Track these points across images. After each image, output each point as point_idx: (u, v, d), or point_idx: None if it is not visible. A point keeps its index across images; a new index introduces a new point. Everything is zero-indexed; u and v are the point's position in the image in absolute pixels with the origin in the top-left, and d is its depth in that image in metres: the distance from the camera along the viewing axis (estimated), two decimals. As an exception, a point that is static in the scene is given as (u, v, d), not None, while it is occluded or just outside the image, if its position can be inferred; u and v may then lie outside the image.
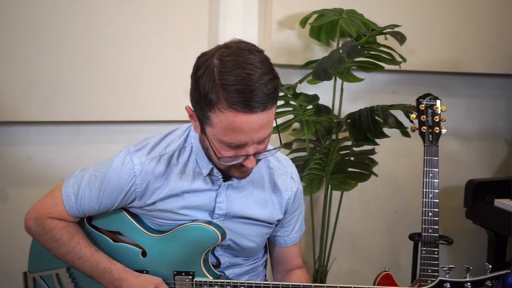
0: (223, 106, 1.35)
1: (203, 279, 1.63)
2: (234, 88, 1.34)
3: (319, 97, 2.46)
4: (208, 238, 1.61)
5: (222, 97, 1.35)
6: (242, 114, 1.35)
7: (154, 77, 2.45)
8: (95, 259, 1.63)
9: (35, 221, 1.67)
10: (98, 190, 1.62)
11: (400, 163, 2.93)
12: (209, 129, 1.43)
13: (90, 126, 2.49)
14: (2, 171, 2.43)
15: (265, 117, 1.38)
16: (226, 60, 1.37)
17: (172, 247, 1.63)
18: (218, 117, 1.37)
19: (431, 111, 2.01)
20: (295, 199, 1.74)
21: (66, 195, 1.64)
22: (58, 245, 1.64)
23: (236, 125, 1.37)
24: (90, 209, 1.64)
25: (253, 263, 1.78)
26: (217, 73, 1.36)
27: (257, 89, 1.35)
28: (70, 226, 1.66)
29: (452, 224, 2.85)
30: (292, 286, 1.59)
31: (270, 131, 1.44)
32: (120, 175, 1.59)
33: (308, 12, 2.51)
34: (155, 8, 2.42)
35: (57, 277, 1.72)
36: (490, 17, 2.83)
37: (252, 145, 1.42)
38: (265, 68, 1.38)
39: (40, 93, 2.34)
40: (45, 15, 2.30)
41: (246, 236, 1.68)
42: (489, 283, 1.43)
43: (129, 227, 1.67)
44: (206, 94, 1.37)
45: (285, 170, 1.72)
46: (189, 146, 1.61)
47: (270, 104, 1.38)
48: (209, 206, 1.63)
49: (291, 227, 1.78)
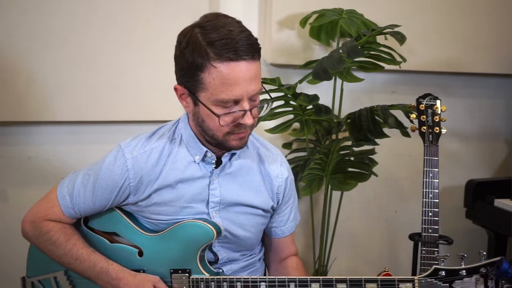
0: (215, 60, 1.43)
1: (200, 276, 1.63)
2: (220, 42, 1.43)
3: (319, 97, 2.46)
4: (203, 235, 1.61)
5: (212, 52, 1.44)
6: (233, 62, 1.44)
7: (154, 77, 2.45)
8: (92, 260, 1.63)
9: (31, 224, 1.68)
10: (92, 188, 1.63)
11: (400, 163, 2.93)
12: (203, 95, 1.48)
13: (90, 126, 2.49)
14: (2, 171, 2.43)
15: (254, 68, 1.47)
16: (206, 25, 1.48)
17: (168, 245, 1.64)
18: (211, 74, 1.45)
19: (431, 111, 2.01)
20: (287, 187, 1.76)
21: (61, 195, 1.66)
22: (55, 247, 1.65)
23: (230, 77, 1.44)
24: (86, 207, 1.65)
25: (250, 259, 1.78)
26: (201, 36, 1.46)
27: (242, 40, 1.44)
28: (66, 228, 1.67)
29: (452, 224, 2.85)
30: (288, 279, 1.58)
31: (260, 86, 1.52)
32: (112, 171, 1.61)
33: (308, 12, 2.51)
34: (155, 8, 2.42)
35: (55, 280, 1.73)
36: (490, 17, 2.83)
37: (246, 100, 1.48)
38: (242, 27, 1.49)
39: (40, 93, 2.34)
40: (46, 15, 2.30)
41: (242, 226, 1.69)
42: (484, 270, 1.45)
43: (125, 227, 1.68)
44: (194, 59, 1.45)
45: (274, 158, 1.75)
46: (178, 137, 1.64)
47: (257, 55, 1.48)
48: (203, 195, 1.65)
49: (286, 217, 1.80)
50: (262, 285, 1.59)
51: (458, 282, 1.47)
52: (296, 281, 1.59)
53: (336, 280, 1.57)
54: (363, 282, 1.54)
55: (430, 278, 1.48)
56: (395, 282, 1.52)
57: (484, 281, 1.45)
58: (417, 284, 1.51)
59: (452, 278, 1.47)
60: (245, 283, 1.60)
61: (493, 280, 1.44)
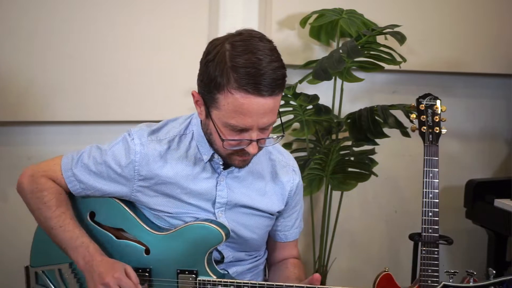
0: (233, 87, 1.40)
1: (207, 278, 1.62)
2: (244, 70, 1.39)
3: (319, 97, 2.46)
4: (212, 238, 1.61)
5: (233, 78, 1.40)
6: (251, 95, 1.40)
7: (154, 76, 2.45)
8: (76, 232, 1.62)
9: (29, 177, 1.67)
10: (96, 158, 1.63)
11: (400, 163, 2.93)
12: (215, 112, 1.46)
13: (90, 126, 2.49)
14: (2, 171, 2.43)
15: (271, 103, 1.43)
16: (237, 44, 1.42)
17: (176, 245, 1.63)
18: (227, 99, 1.42)
19: (431, 111, 2.01)
20: (297, 192, 1.76)
21: (65, 157, 1.68)
22: (44, 208, 1.64)
23: (244, 107, 1.41)
24: (84, 176, 1.64)
25: (255, 261, 1.78)
26: (228, 56, 1.41)
27: (266, 74, 1.40)
28: (61, 194, 1.66)
29: (452, 224, 2.85)
30: (296, 287, 1.57)
31: (275, 119, 1.49)
32: (120, 150, 1.62)
33: (308, 12, 2.51)
34: (155, 8, 2.42)
35: (60, 272, 1.71)
36: (490, 17, 2.83)
37: (256, 131, 1.46)
38: (274, 56, 1.43)
39: (40, 93, 2.34)
40: (45, 15, 2.30)
41: (248, 227, 1.69)
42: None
43: (133, 225, 1.67)
44: (215, 76, 1.41)
45: (287, 162, 1.75)
46: (190, 133, 1.64)
47: (278, 91, 1.44)
48: (210, 195, 1.64)
49: (291, 222, 1.79)
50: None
51: None
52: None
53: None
54: None
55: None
56: None
57: (493, 300, 1.43)
58: None
59: None
60: (252, 287, 1.59)
61: None
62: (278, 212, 1.74)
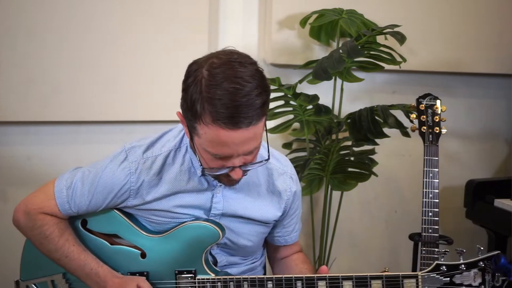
0: (207, 120, 1.35)
1: (206, 277, 1.62)
2: (219, 103, 1.33)
3: (319, 97, 2.46)
4: (209, 236, 1.61)
5: (207, 110, 1.34)
6: (225, 130, 1.35)
7: (154, 77, 2.44)
8: (82, 259, 1.61)
9: (25, 215, 1.65)
10: (90, 184, 1.60)
11: (400, 163, 2.93)
12: (196, 139, 1.43)
13: (90, 126, 2.49)
14: (2, 171, 2.43)
15: (250, 133, 1.37)
16: (215, 72, 1.35)
17: (172, 246, 1.63)
18: (203, 129, 1.38)
19: (431, 111, 2.01)
20: (294, 200, 1.73)
21: (58, 188, 1.63)
22: (48, 242, 1.63)
23: (221, 139, 1.37)
24: (80, 204, 1.61)
25: (251, 263, 1.77)
26: (205, 85, 1.35)
27: (243, 105, 1.33)
28: (61, 223, 1.65)
29: (452, 224, 2.85)
30: (295, 278, 1.57)
31: (257, 143, 1.43)
32: (115, 172, 1.59)
33: (308, 12, 2.51)
34: (155, 8, 2.42)
35: (52, 284, 1.69)
36: (490, 17, 2.83)
37: (238, 157, 1.42)
38: (255, 81, 1.36)
39: (40, 93, 2.34)
40: (45, 14, 2.30)
41: (243, 235, 1.68)
42: (482, 264, 1.52)
43: (126, 229, 1.66)
44: (193, 104, 1.36)
45: (284, 169, 1.71)
46: (184, 146, 1.61)
47: (256, 120, 1.37)
48: (205, 206, 1.63)
49: (291, 228, 1.78)
50: (269, 284, 1.57)
51: (458, 276, 1.53)
52: (303, 279, 1.57)
53: (342, 278, 1.57)
54: (369, 279, 1.54)
55: (433, 273, 1.53)
56: (399, 278, 1.53)
57: (482, 275, 1.52)
58: (420, 280, 1.53)
59: (452, 272, 1.52)
60: (252, 282, 1.58)
61: (489, 274, 1.51)
62: (275, 220, 1.73)
